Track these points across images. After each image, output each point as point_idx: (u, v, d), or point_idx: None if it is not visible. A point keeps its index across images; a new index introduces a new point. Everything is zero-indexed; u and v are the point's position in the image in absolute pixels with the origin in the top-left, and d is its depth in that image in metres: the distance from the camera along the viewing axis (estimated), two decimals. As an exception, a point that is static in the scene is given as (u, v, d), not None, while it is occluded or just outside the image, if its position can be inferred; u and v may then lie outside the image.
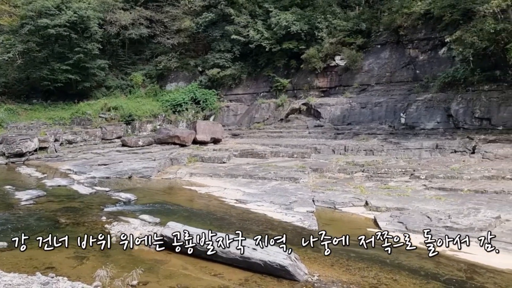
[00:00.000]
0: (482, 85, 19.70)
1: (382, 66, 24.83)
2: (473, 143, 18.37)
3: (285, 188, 15.13)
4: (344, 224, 11.70)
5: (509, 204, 11.93)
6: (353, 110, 24.08)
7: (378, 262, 8.26)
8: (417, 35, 23.65)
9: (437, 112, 20.90)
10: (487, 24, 17.21)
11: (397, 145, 19.96)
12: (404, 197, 13.22)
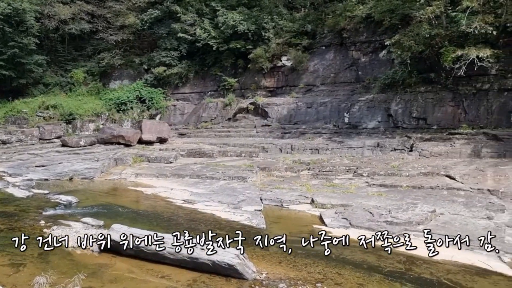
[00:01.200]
0: (418, 87, 20.83)
1: (326, 67, 25.53)
2: (411, 142, 19.38)
3: (233, 188, 15.15)
4: (291, 222, 11.92)
5: (443, 198, 12.71)
6: (299, 110, 24.57)
7: (324, 258, 8.48)
8: (359, 38, 24.55)
9: (378, 112, 21.82)
10: (423, 29, 18.20)
11: (341, 144, 20.61)
12: (348, 194, 13.69)
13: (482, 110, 19.17)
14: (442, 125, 19.87)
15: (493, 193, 12.97)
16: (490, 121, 18.88)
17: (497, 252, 8.75)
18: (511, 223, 10.65)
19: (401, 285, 7.27)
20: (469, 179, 14.21)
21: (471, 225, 10.42)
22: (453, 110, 19.83)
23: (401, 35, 19.47)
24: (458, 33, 17.78)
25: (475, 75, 18.85)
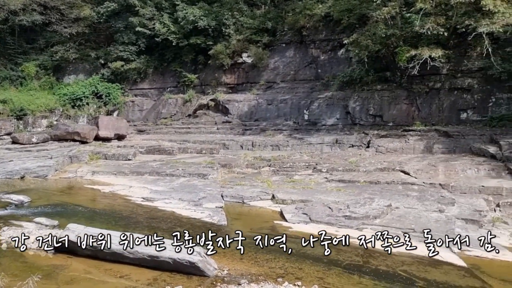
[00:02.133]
0: (375, 85, 21.45)
1: (287, 64, 25.76)
2: (368, 138, 19.94)
3: (193, 185, 15.02)
4: (252, 218, 11.98)
5: (398, 193, 13.19)
6: (260, 107, 24.67)
7: (285, 253, 8.59)
8: (318, 36, 24.94)
9: (336, 109, 22.29)
10: (379, 29, 18.74)
11: (301, 141, 20.90)
12: (308, 189, 13.92)
13: (434, 108, 20.02)
14: (397, 122, 20.58)
15: (444, 187, 13.59)
16: (441, 118, 19.75)
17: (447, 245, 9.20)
18: (460, 216, 11.22)
19: (359, 277, 7.49)
20: (422, 174, 14.81)
21: (424, 218, 10.88)
22: (407, 108, 20.59)
23: (359, 35, 19.96)
24: (412, 34, 18.44)
25: (427, 74, 19.64)
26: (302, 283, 6.97)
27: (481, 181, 13.67)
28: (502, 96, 18.57)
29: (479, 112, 19.03)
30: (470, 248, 9.08)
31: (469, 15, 17.14)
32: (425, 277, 7.62)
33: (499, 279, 7.59)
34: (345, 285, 7.07)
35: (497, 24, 16.18)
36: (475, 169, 14.68)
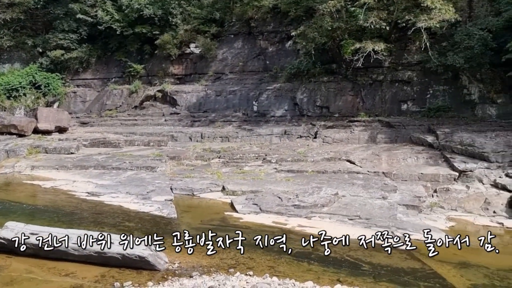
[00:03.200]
0: (322, 77, 21.95)
1: (235, 55, 25.67)
2: (315, 129, 20.42)
3: (141, 178, 14.68)
4: (203, 210, 11.93)
5: (344, 182, 13.65)
6: (208, 98, 24.46)
7: (236, 244, 8.62)
8: (266, 28, 25.06)
9: (285, 101, 22.58)
10: (325, 22, 19.15)
11: (250, 132, 21.00)
12: (258, 180, 14.04)
13: (377, 99, 20.84)
14: (343, 113, 21.20)
15: (387, 175, 14.24)
16: (384, 109, 20.61)
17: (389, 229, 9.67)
18: (402, 202, 11.82)
19: (308, 264, 7.69)
20: (366, 163, 15.41)
21: (369, 205, 11.35)
22: (352, 99, 21.27)
23: (306, 27, 20.28)
24: (356, 27, 19.00)
25: (371, 67, 20.38)
26: (254, 272, 7.05)
27: (420, 168, 14.45)
28: (438, 88, 19.66)
29: (418, 104, 20.04)
30: (410, 231, 9.61)
31: (409, 10, 17.92)
32: (370, 261, 7.96)
33: (436, 260, 8.08)
34: (295, 272, 7.23)
35: (434, 19, 17.08)
36: (415, 157, 15.48)
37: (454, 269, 7.76)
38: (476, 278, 7.33)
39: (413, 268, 7.67)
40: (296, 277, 6.90)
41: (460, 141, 15.38)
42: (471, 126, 17.43)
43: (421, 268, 7.71)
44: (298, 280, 6.71)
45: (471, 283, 7.13)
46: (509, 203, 11.81)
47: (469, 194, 12.66)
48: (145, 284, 6.51)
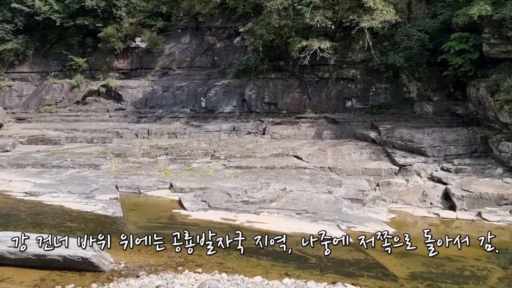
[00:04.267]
0: (270, 74, 22.14)
1: (183, 50, 25.27)
2: (264, 125, 20.59)
3: (84, 176, 14.10)
4: (150, 208, 11.68)
5: (292, 177, 13.88)
6: (155, 94, 23.92)
7: (185, 242, 8.52)
8: (214, 23, 24.86)
9: (233, 97, 22.57)
10: (273, 19, 19.32)
11: (198, 128, 20.81)
12: (206, 177, 13.95)
13: (323, 96, 21.35)
14: (290, 109, 21.54)
15: (332, 170, 14.66)
16: (329, 106, 21.16)
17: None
18: (347, 196, 12.22)
19: (257, 260, 7.76)
20: (313, 159, 15.77)
21: (315, 200, 11.63)
22: (299, 96, 21.65)
23: (254, 24, 20.34)
24: (303, 25, 19.34)
25: (317, 65, 20.82)
26: (203, 269, 7.01)
27: (364, 163, 15.01)
28: (380, 86, 20.49)
29: (361, 101, 20.77)
30: (355, 224, 9.98)
31: (353, 10, 18.50)
32: (317, 254, 8.16)
33: (379, 251, 8.43)
34: (244, 267, 7.27)
35: (376, 20, 17.76)
36: (359, 152, 16.06)
37: (395, 258, 8.13)
38: (414, 266, 7.74)
39: (357, 259, 7.96)
40: (245, 272, 6.94)
41: (400, 137, 16.14)
42: (410, 122, 18.34)
43: (365, 258, 8.02)
44: (247, 276, 6.75)
45: (410, 271, 7.51)
46: (444, 195, 12.57)
47: (408, 187, 13.33)
48: (89, 286, 6.28)
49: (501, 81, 14.53)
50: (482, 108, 16.27)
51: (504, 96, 14.05)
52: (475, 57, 16.25)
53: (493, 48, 15.64)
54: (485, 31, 15.65)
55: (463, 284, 6.98)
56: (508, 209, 11.39)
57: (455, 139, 15.55)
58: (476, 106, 16.94)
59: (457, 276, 7.37)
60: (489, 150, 14.81)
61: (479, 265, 7.94)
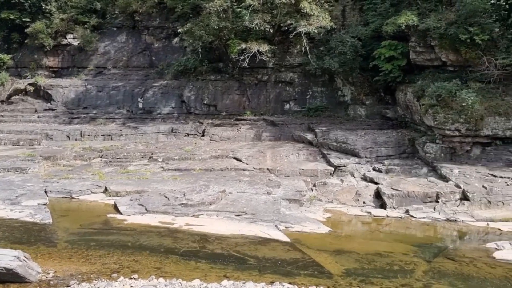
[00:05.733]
0: (209, 75, 22.04)
1: (119, 49, 24.44)
2: (203, 127, 20.44)
3: (9, 181, 13.14)
4: (83, 213, 11.15)
5: (231, 179, 13.90)
6: (89, 94, 22.89)
7: (120, 247, 8.26)
8: (152, 23, 24.29)
9: (172, 98, 22.19)
10: (212, 21, 19.26)
11: (135, 130, 20.21)
12: (144, 180, 13.58)
13: (262, 98, 21.63)
14: (230, 111, 21.58)
15: (271, 172, 14.86)
16: (268, 108, 21.47)
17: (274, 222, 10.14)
18: (285, 196, 12.45)
19: (196, 263, 7.68)
20: (252, 160, 15.90)
21: (255, 201, 11.74)
22: (239, 98, 21.75)
23: (193, 24, 20.15)
24: (242, 28, 19.46)
25: (256, 67, 21.06)
26: (139, 275, 6.81)
27: (301, 164, 15.38)
28: (317, 90, 21.14)
29: (299, 103, 21.30)
30: (292, 224, 10.20)
31: (290, 15, 18.94)
32: (256, 255, 8.24)
33: (315, 249, 8.71)
34: (182, 271, 7.16)
35: (313, 25, 18.32)
36: (296, 154, 16.43)
37: (330, 256, 8.42)
38: (348, 263, 8.06)
39: (295, 259, 8.14)
40: (183, 276, 6.84)
41: (335, 139, 16.74)
42: (344, 125, 19.07)
43: (302, 258, 8.21)
44: (185, 279, 6.66)
45: (344, 268, 7.81)
46: (376, 194, 13.21)
47: (343, 187, 13.85)
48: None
49: (426, 87, 15.56)
50: (410, 111, 17.32)
51: (429, 100, 15.06)
52: (403, 63, 17.28)
53: (419, 56, 16.72)
54: (411, 40, 16.69)
55: (392, 278, 7.37)
56: (432, 206, 12.21)
57: (385, 141, 16.41)
58: (404, 109, 18.00)
59: (387, 270, 7.77)
60: (416, 151, 15.81)
61: (406, 259, 8.42)
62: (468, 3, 14.52)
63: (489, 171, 13.46)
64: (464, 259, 8.48)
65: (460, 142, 14.77)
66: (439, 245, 9.69)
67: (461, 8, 14.79)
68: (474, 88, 14.35)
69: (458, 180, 12.89)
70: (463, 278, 7.51)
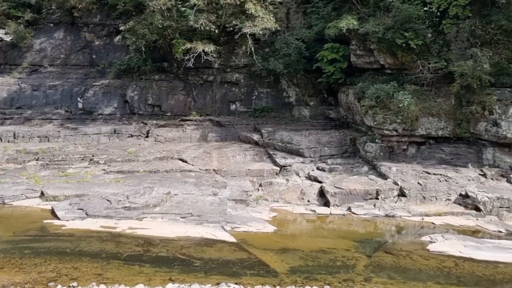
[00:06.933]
0: (153, 75, 21.54)
1: (56, 46, 23.23)
2: (147, 128, 19.95)
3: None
4: (17, 220, 10.50)
5: (177, 180, 13.68)
6: (23, 93, 21.57)
7: (58, 254, 7.87)
8: (92, 19, 23.31)
9: (114, 98, 21.45)
10: (156, 19, 18.84)
11: (75, 131, 19.33)
12: (84, 183, 13.03)
13: (208, 99, 21.48)
14: (175, 112, 21.23)
15: (218, 172, 14.81)
16: (214, 109, 21.38)
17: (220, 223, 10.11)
18: (231, 197, 12.45)
19: (140, 267, 7.47)
20: (198, 161, 15.74)
21: (201, 202, 11.63)
22: (184, 99, 21.46)
23: (136, 22, 19.60)
24: (187, 27, 19.19)
25: (202, 68, 20.88)
26: (78, 283, 6.52)
27: (248, 165, 15.46)
28: (262, 91, 21.34)
29: (245, 104, 21.39)
30: (239, 224, 10.22)
31: (236, 16, 18.95)
32: (202, 256, 8.17)
33: (261, 249, 8.78)
34: (125, 277, 6.94)
35: (258, 27, 18.46)
36: (243, 154, 16.49)
37: (276, 255, 8.53)
38: (293, 261, 8.21)
39: (241, 259, 8.16)
40: (126, 281, 6.64)
41: (281, 139, 16.99)
42: (289, 125, 19.41)
43: (248, 257, 8.25)
44: (129, 285, 6.48)
45: (289, 266, 7.94)
46: (320, 193, 13.56)
47: (288, 186, 14.09)
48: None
49: (366, 89, 16.20)
50: (351, 112, 17.96)
51: (368, 102, 15.70)
52: (344, 66, 17.87)
53: (359, 58, 17.38)
54: (352, 43, 17.31)
55: (335, 274, 7.60)
56: (373, 203, 12.73)
57: (328, 140, 16.89)
58: (346, 110, 18.63)
59: (331, 266, 8.00)
60: (357, 150, 16.43)
61: (348, 255, 8.72)
62: (404, 9, 15.28)
63: (424, 168, 14.29)
64: (401, 252, 8.92)
65: (398, 142, 15.54)
66: (379, 240, 10.12)
67: (397, 14, 15.53)
68: (409, 90, 15.13)
69: (396, 178, 13.55)
70: (400, 271, 7.89)
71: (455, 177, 13.51)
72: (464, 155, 15.01)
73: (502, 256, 8.56)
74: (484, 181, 13.55)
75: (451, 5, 14.99)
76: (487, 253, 8.68)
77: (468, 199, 12.55)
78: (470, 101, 14.58)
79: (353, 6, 17.79)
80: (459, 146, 15.24)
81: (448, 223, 11.39)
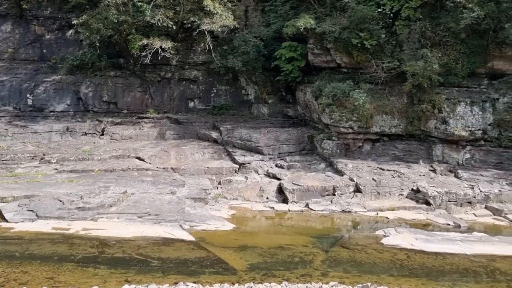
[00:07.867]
0: (109, 71, 20.90)
1: (3, 40, 22.03)
2: (102, 126, 19.36)
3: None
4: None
5: (133, 179, 13.37)
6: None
7: (5, 258, 7.51)
8: (42, 12, 22.30)
9: (67, 95, 20.65)
10: (111, 14, 18.26)
11: (24, 129, 18.45)
12: (34, 183, 12.47)
13: (166, 96, 21.13)
14: (131, 109, 20.73)
15: (176, 171, 14.62)
16: (172, 106, 21.06)
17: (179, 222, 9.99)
18: (190, 195, 12.33)
19: (94, 269, 7.25)
20: (156, 160, 15.47)
21: (158, 201, 11.43)
22: (141, 96, 20.99)
23: (89, 16, 18.91)
24: (144, 23, 18.77)
25: (159, 64, 20.49)
26: (28, 287, 6.23)
27: (206, 163, 15.36)
28: (221, 88, 21.26)
29: (204, 102, 21.22)
30: (197, 223, 10.14)
31: (194, 12, 18.74)
32: (160, 256, 8.04)
33: (220, 247, 8.76)
34: (78, 279, 6.71)
35: (216, 24, 18.36)
36: (201, 152, 16.37)
37: (234, 253, 8.53)
38: (252, 258, 8.24)
39: (199, 257, 8.10)
40: (79, 284, 6.43)
41: (240, 137, 17.00)
42: (248, 123, 19.46)
43: (207, 256, 8.21)
44: (82, 287, 6.26)
45: (248, 263, 7.97)
46: (278, 190, 13.70)
47: (247, 184, 14.13)
48: None
49: (323, 87, 16.52)
50: (309, 110, 18.25)
51: (325, 100, 16.02)
52: (302, 64, 18.12)
53: (316, 57, 17.68)
54: (310, 42, 17.57)
55: (293, 269, 7.71)
56: (330, 199, 13.02)
57: (287, 138, 17.07)
58: (304, 108, 18.91)
59: (289, 262, 8.10)
60: (315, 147, 16.73)
61: (306, 251, 8.87)
62: (358, 10, 15.69)
63: (378, 165, 14.78)
64: (357, 246, 9.18)
65: (353, 139, 15.98)
66: (336, 235, 10.36)
67: (352, 15, 15.91)
68: (364, 89, 15.58)
69: (352, 174, 13.92)
70: (356, 264, 8.12)
71: (407, 173, 14.06)
72: (415, 151, 15.66)
73: (450, 248, 9.00)
74: (434, 176, 14.21)
75: (403, 7, 15.58)
76: (437, 245, 9.09)
77: (419, 194, 13.11)
78: (421, 99, 15.21)
79: (310, 6, 18.06)
80: (411, 143, 15.88)
81: (401, 217, 11.84)
